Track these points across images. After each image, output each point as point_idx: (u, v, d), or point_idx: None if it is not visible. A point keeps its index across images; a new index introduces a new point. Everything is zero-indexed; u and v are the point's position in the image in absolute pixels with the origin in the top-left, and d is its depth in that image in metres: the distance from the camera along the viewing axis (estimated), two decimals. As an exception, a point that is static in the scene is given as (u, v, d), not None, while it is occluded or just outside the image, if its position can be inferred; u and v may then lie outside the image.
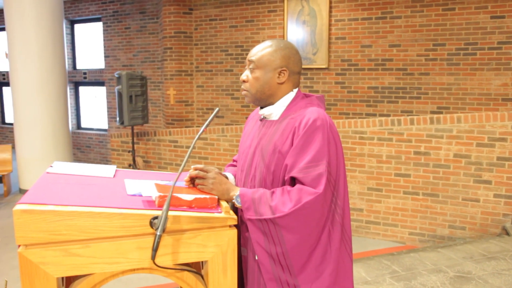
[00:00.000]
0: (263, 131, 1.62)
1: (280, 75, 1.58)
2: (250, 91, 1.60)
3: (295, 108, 1.58)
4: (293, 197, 1.41)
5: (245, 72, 1.62)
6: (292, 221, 1.40)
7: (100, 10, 8.52)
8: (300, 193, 1.41)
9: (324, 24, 6.19)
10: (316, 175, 1.42)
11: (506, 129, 4.29)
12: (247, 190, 1.50)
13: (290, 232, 1.41)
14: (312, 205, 1.41)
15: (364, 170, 4.88)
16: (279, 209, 1.41)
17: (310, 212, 1.41)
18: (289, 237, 1.41)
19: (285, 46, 1.59)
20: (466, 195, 4.50)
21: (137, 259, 1.32)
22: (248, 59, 1.60)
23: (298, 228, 1.41)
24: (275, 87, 1.59)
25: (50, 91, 6.17)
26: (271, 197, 1.45)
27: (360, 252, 4.56)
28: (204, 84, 7.31)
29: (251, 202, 1.45)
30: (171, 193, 1.31)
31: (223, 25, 7.01)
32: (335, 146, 1.50)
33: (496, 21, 5.32)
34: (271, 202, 1.43)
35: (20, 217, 1.22)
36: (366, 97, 6.15)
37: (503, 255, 3.84)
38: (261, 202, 1.44)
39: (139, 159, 6.27)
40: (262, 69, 1.57)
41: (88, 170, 1.71)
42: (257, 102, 1.62)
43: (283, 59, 1.57)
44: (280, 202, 1.42)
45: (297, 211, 1.40)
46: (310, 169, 1.43)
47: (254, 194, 1.47)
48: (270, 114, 1.62)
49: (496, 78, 5.41)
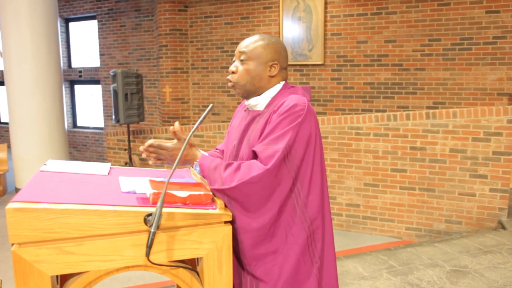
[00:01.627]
0: (247, 121, 1.63)
1: (271, 69, 1.59)
2: (239, 82, 1.60)
3: (280, 98, 1.58)
4: (242, 170, 1.43)
5: (234, 63, 1.62)
6: (239, 195, 1.41)
7: (95, 8, 8.48)
8: (250, 168, 1.42)
9: (320, 20, 6.18)
10: (271, 152, 1.43)
11: (502, 124, 4.30)
12: (207, 158, 1.55)
13: (238, 205, 1.43)
14: (259, 180, 1.40)
15: (361, 166, 4.89)
16: (228, 181, 1.42)
17: (258, 188, 1.41)
18: (238, 211, 1.43)
19: (277, 41, 1.62)
20: (462, 190, 4.52)
21: (132, 256, 1.32)
22: (239, 50, 1.60)
23: (245, 203, 1.42)
24: (265, 80, 1.60)
25: (45, 90, 6.14)
26: (224, 169, 1.46)
27: (356, 248, 4.57)
28: (200, 81, 7.30)
29: (207, 171, 1.50)
30: (165, 190, 1.30)
31: (219, 22, 6.99)
32: (307, 134, 1.48)
33: (491, 16, 5.33)
34: (223, 174, 1.45)
35: (13, 216, 1.21)
36: (362, 93, 6.15)
37: (499, 249, 3.86)
38: (216, 171, 1.47)
39: (136, 157, 6.26)
40: (254, 60, 1.58)
41: (82, 168, 1.70)
42: (245, 94, 1.63)
43: (275, 53, 1.59)
44: (230, 174, 1.43)
45: (244, 185, 1.40)
46: (269, 146, 1.44)
47: (211, 163, 1.51)
48: (256, 105, 1.63)
49: (492, 73, 5.42)
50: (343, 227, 5.07)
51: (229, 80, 1.63)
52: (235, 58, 1.63)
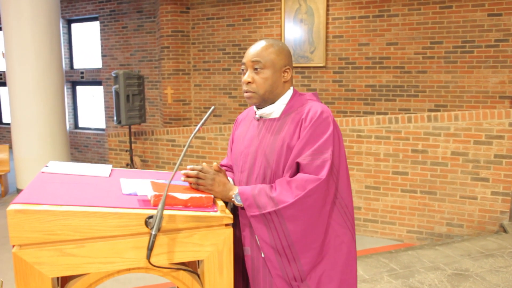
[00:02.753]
0: (263, 131, 1.61)
1: (285, 74, 1.59)
2: (258, 92, 1.57)
3: (297, 104, 1.59)
4: (295, 185, 1.41)
5: (248, 74, 1.57)
6: (296, 211, 1.40)
7: (97, 9, 8.50)
8: (302, 181, 1.42)
9: (322, 23, 6.18)
10: (320, 162, 1.43)
11: (504, 127, 4.30)
12: (245, 187, 1.50)
13: (294, 223, 1.41)
14: (315, 192, 1.40)
15: (362, 168, 4.88)
16: (282, 200, 1.41)
17: (315, 200, 1.41)
18: (294, 229, 1.41)
19: (284, 45, 1.63)
20: (463, 193, 4.51)
21: (133, 258, 1.32)
22: (252, 60, 1.56)
23: (302, 218, 1.41)
24: (281, 86, 1.60)
25: (47, 91, 6.15)
26: (270, 190, 1.45)
27: (358, 250, 4.56)
28: (201, 83, 7.30)
29: (252, 199, 1.44)
30: (166, 192, 1.30)
31: (220, 24, 6.99)
32: (338, 140, 1.52)
33: (493, 19, 5.32)
34: (272, 194, 1.42)
35: (14, 217, 1.21)
36: (364, 95, 6.15)
37: (500, 253, 3.85)
38: (261, 196, 1.44)
39: (137, 159, 6.26)
40: (270, 68, 1.56)
41: (83, 169, 1.70)
42: (263, 103, 1.61)
43: (286, 58, 1.60)
44: (281, 192, 1.42)
45: (302, 199, 1.40)
46: (316, 157, 1.44)
47: (253, 190, 1.47)
48: (271, 113, 1.61)
49: (493, 76, 5.41)
50: (344, 230, 5.06)
51: (247, 91, 1.58)
52: (244, 67, 1.59)
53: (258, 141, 1.61)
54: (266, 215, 1.41)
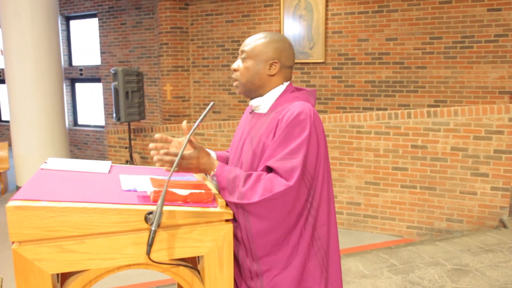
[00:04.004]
0: (252, 124, 1.63)
1: (271, 67, 1.57)
2: (240, 81, 1.60)
3: (283, 102, 1.57)
4: (264, 185, 1.40)
5: (236, 61, 1.62)
6: (260, 210, 1.40)
7: (96, 6, 8.47)
8: (272, 183, 1.40)
9: (321, 18, 6.17)
10: (290, 168, 1.40)
11: (503, 122, 4.29)
12: (224, 169, 1.48)
13: (257, 219, 1.41)
14: (281, 196, 1.39)
15: (362, 164, 4.88)
16: (248, 196, 1.40)
17: (280, 203, 1.39)
18: (256, 224, 1.41)
19: (279, 39, 1.59)
20: (463, 188, 4.51)
21: (133, 254, 1.31)
22: (241, 49, 1.60)
23: (266, 217, 1.40)
24: (265, 79, 1.58)
25: (46, 88, 6.13)
26: (244, 181, 1.43)
27: (357, 246, 4.57)
28: (200, 79, 7.29)
29: (225, 183, 1.45)
30: (165, 187, 1.30)
31: (219, 20, 6.97)
32: (316, 144, 1.48)
33: (493, 14, 5.31)
34: (242, 188, 1.41)
35: (14, 214, 1.21)
36: (363, 91, 6.14)
37: (500, 248, 3.85)
38: (234, 184, 1.43)
39: (136, 155, 6.26)
40: (254, 59, 1.56)
41: (82, 166, 1.70)
42: (247, 93, 1.62)
43: (276, 52, 1.56)
44: (250, 188, 1.40)
45: (267, 201, 1.38)
46: (285, 161, 1.41)
47: (229, 174, 1.46)
48: (258, 106, 1.62)
49: (493, 71, 5.41)
50: (344, 226, 5.07)
51: (234, 79, 1.63)
52: (238, 56, 1.63)
53: (245, 135, 1.63)
54: (231, 203, 1.43)
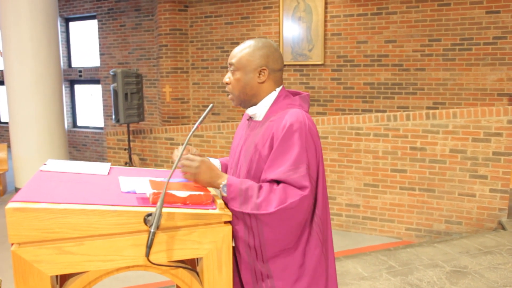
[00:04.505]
0: (248, 132, 1.64)
1: (261, 75, 1.57)
2: (234, 93, 1.61)
3: (276, 109, 1.58)
4: (279, 195, 1.41)
5: (227, 75, 1.62)
6: (274, 220, 1.40)
7: (95, 7, 8.48)
8: (286, 193, 1.41)
9: (320, 20, 6.18)
10: (299, 177, 1.42)
11: (502, 124, 4.30)
12: (235, 180, 1.48)
13: (271, 228, 1.42)
14: (297, 206, 1.41)
15: (361, 166, 4.88)
16: (264, 207, 1.40)
17: (294, 213, 1.41)
18: (269, 233, 1.42)
19: (264, 45, 1.59)
20: (462, 190, 4.52)
21: (132, 256, 1.32)
22: (229, 61, 1.60)
23: (279, 227, 1.42)
24: (257, 87, 1.59)
25: (45, 90, 6.14)
26: (258, 192, 1.43)
27: (356, 248, 4.57)
28: (200, 81, 7.29)
29: (238, 193, 1.44)
30: (165, 189, 1.30)
31: (219, 22, 6.98)
32: (314, 150, 1.50)
33: (492, 16, 5.33)
34: (257, 199, 1.41)
35: (13, 215, 1.21)
36: (362, 93, 6.15)
37: (499, 250, 3.86)
38: (247, 195, 1.43)
39: (135, 157, 6.26)
40: (242, 70, 1.57)
41: (82, 168, 1.70)
42: (243, 104, 1.63)
43: (262, 58, 1.57)
44: (265, 199, 1.41)
45: (282, 211, 1.39)
46: (292, 172, 1.43)
47: (241, 184, 1.46)
48: (254, 115, 1.63)
49: (492, 73, 5.42)
50: (343, 228, 5.07)
51: (227, 92, 1.64)
52: (228, 69, 1.64)
53: (243, 142, 1.64)
54: (245, 214, 1.42)
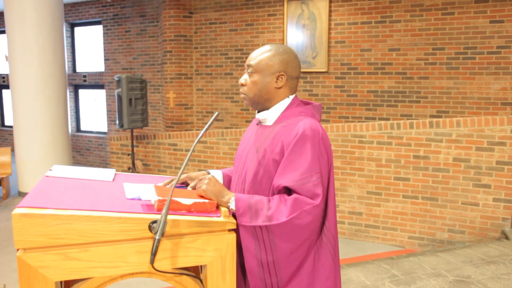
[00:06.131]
0: (257, 135, 1.64)
1: (278, 80, 1.58)
2: (248, 95, 1.61)
3: (289, 115, 1.58)
4: (290, 205, 1.40)
5: (243, 76, 1.62)
6: (286, 230, 1.40)
7: (100, 13, 8.54)
8: (297, 202, 1.41)
9: (324, 28, 6.20)
10: (311, 186, 1.42)
11: (505, 133, 4.30)
12: (243, 195, 1.48)
13: (283, 240, 1.40)
14: (308, 216, 1.40)
15: (364, 174, 4.88)
16: (276, 217, 1.40)
17: (306, 223, 1.41)
18: (282, 246, 1.41)
19: (284, 51, 1.59)
20: (465, 199, 4.50)
21: (136, 263, 1.32)
22: (247, 63, 1.60)
23: (292, 238, 1.41)
24: (273, 92, 1.59)
25: (50, 94, 6.17)
26: (268, 204, 1.43)
27: (359, 256, 4.55)
28: (204, 87, 7.32)
29: (247, 208, 1.43)
30: (170, 197, 1.31)
31: (223, 28, 7.02)
32: (326, 160, 1.50)
33: (495, 26, 5.34)
34: (268, 211, 1.41)
35: (19, 221, 1.22)
36: (366, 100, 6.15)
37: (502, 259, 3.84)
38: (257, 208, 1.43)
39: (139, 162, 6.27)
40: (260, 73, 1.57)
41: (87, 173, 1.71)
42: (255, 106, 1.63)
43: (281, 64, 1.57)
44: (276, 210, 1.41)
45: (294, 220, 1.39)
46: (305, 180, 1.43)
47: (250, 199, 1.45)
48: (265, 119, 1.63)
49: (495, 82, 5.42)
50: (346, 235, 5.06)
51: (241, 93, 1.64)
52: (245, 70, 1.63)
53: (250, 146, 1.64)
54: (257, 227, 1.41)
